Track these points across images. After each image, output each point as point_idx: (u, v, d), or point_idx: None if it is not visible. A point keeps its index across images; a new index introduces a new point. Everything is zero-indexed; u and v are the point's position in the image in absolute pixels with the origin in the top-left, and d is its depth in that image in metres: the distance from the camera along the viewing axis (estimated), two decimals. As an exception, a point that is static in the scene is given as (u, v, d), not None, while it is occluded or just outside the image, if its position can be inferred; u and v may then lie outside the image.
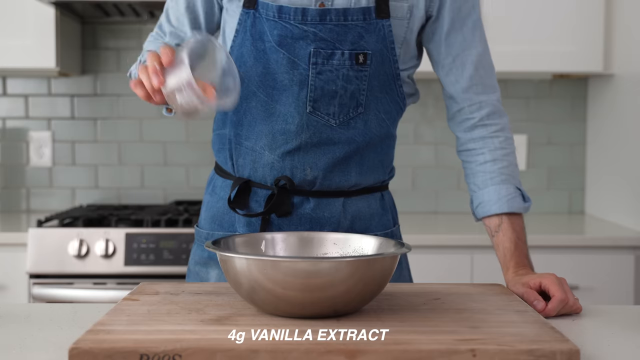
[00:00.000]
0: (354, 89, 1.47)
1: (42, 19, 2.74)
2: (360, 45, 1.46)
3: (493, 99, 1.54)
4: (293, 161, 1.49)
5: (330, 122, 1.47)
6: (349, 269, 1.09)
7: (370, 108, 1.49)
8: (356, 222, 1.53)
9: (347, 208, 1.52)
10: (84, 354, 0.98)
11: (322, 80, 1.45)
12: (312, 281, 1.08)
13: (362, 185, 1.54)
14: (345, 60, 1.45)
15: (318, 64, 1.45)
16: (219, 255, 1.17)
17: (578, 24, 2.76)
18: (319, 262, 1.10)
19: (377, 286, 1.14)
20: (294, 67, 1.45)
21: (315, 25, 1.45)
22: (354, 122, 1.48)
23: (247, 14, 1.49)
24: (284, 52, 1.46)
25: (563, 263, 2.55)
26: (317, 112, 1.47)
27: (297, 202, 1.51)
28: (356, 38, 1.45)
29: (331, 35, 1.45)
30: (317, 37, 1.45)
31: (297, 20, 1.45)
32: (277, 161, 1.49)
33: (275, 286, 1.09)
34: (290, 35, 1.45)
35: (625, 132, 2.76)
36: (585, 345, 1.10)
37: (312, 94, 1.46)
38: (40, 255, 2.48)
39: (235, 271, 1.13)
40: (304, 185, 1.50)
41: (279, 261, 1.09)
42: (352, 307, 1.14)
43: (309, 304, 1.10)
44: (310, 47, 1.45)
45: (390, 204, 1.62)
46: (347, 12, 1.45)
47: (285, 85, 1.46)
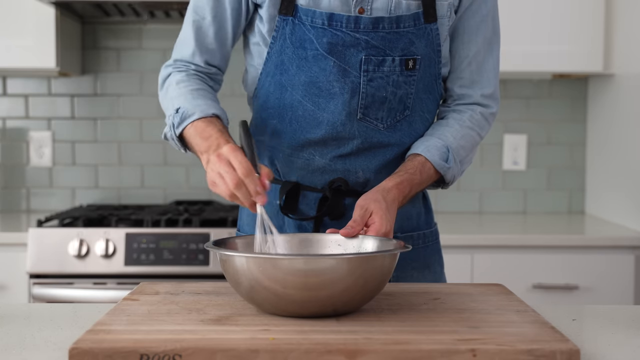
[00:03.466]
0: (403, 93, 1.47)
1: (42, 19, 2.74)
2: (410, 51, 1.46)
3: (477, 93, 1.55)
4: (345, 164, 1.49)
5: (379, 126, 1.48)
6: (348, 267, 1.09)
7: (415, 110, 1.50)
8: (405, 221, 1.54)
9: None
10: (84, 354, 0.98)
11: (373, 87, 1.45)
12: (311, 279, 1.08)
13: None
14: (396, 66, 1.45)
15: (369, 71, 1.45)
16: (218, 255, 1.17)
17: (578, 24, 2.76)
18: (318, 260, 1.10)
19: (377, 284, 1.14)
20: (345, 74, 1.44)
21: (368, 33, 1.44)
22: (400, 124, 1.49)
23: (284, 21, 1.45)
24: (334, 59, 1.44)
25: (563, 263, 2.55)
26: (366, 118, 1.47)
27: (348, 203, 1.51)
28: (407, 44, 1.45)
29: (383, 42, 1.44)
30: (368, 44, 1.44)
31: (350, 28, 1.44)
32: (329, 165, 1.49)
33: (274, 285, 1.09)
34: (342, 43, 1.44)
35: (625, 132, 2.76)
36: (585, 345, 1.10)
37: (363, 101, 1.46)
38: (40, 255, 2.48)
39: (234, 270, 1.13)
40: (356, 187, 1.51)
41: (278, 259, 1.09)
42: (352, 306, 1.14)
43: (309, 302, 1.10)
44: (361, 55, 1.44)
45: (430, 204, 1.65)
46: (400, 19, 1.44)
47: (334, 93, 1.45)
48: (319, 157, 1.49)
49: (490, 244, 2.56)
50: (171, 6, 2.73)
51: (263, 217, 1.24)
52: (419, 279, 1.55)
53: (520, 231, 2.75)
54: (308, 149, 1.49)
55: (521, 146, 3.14)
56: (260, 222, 1.25)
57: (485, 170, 3.16)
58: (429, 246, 1.59)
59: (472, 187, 3.16)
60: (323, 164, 1.49)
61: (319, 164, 1.49)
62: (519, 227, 2.85)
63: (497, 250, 2.56)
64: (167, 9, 2.82)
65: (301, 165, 1.50)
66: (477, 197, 3.17)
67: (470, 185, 3.16)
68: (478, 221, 2.96)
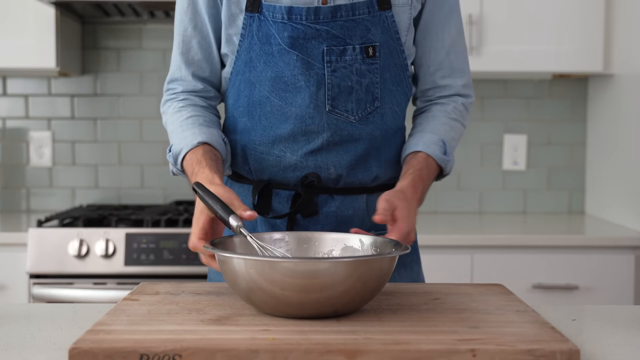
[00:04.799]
0: (368, 82, 1.47)
1: (42, 19, 2.74)
2: (368, 39, 1.47)
3: (459, 83, 1.58)
4: (317, 161, 1.49)
5: (350, 118, 1.48)
6: (347, 270, 1.09)
7: (385, 101, 1.50)
8: None
9: (369, 205, 1.52)
10: (84, 354, 0.98)
11: (337, 78, 1.46)
12: (311, 282, 1.08)
13: (382, 180, 1.54)
14: (357, 54, 1.46)
15: (332, 61, 1.46)
16: (217, 256, 1.17)
17: (578, 24, 2.76)
18: (317, 263, 1.10)
19: (376, 286, 1.14)
20: (309, 67, 1.45)
21: (327, 23, 1.45)
22: (372, 116, 1.49)
23: (251, 18, 1.48)
24: (297, 53, 1.45)
25: (563, 263, 2.55)
26: (336, 110, 1.47)
27: (321, 200, 1.51)
28: (364, 32, 1.46)
29: (342, 31, 1.46)
30: (329, 34, 1.45)
31: (310, 20, 1.45)
32: (300, 162, 1.49)
33: (272, 287, 1.09)
34: (303, 36, 1.45)
35: (625, 132, 2.76)
36: (585, 345, 1.10)
37: (329, 92, 1.46)
38: (40, 255, 2.48)
39: (233, 272, 1.13)
40: (329, 183, 1.50)
41: (276, 262, 1.09)
42: (351, 307, 1.14)
43: (308, 304, 1.10)
44: (323, 46, 1.45)
45: None
46: (355, 6, 1.45)
47: (300, 86, 1.46)
48: (289, 154, 1.49)
49: (490, 244, 2.56)
50: (171, 6, 2.73)
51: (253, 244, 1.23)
52: (396, 278, 1.53)
53: (520, 231, 2.75)
54: (279, 146, 1.49)
55: (521, 146, 3.14)
56: None
57: (485, 170, 3.16)
58: None
59: (472, 187, 3.16)
60: (294, 161, 1.49)
61: (290, 160, 1.49)
62: (519, 227, 2.85)
63: (497, 250, 2.56)
64: (167, 9, 2.82)
65: (273, 162, 1.50)
66: (477, 197, 3.17)
67: (470, 185, 3.16)
68: (478, 221, 2.96)
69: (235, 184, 1.59)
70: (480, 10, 2.74)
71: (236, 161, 1.56)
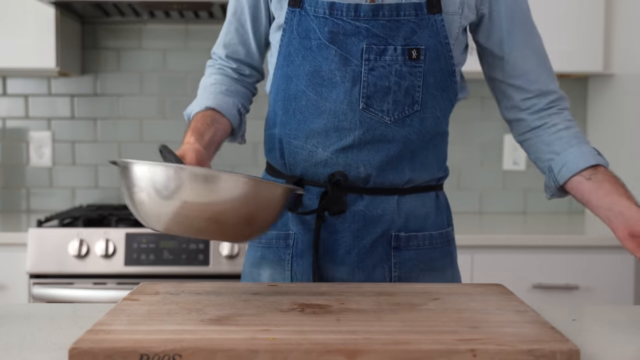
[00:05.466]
0: (408, 85, 1.46)
1: (42, 19, 2.74)
2: (413, 41, 1.45)
3: (557, 86, 1.56)
4: (347, 158, 1.48)
5: (385, 119, 1.47)
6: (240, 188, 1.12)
7: (427, 105, 1.48)
8: (410, 220, 1.52)
9: (401, 206, 1.51)
10: (84, 354, 0.98)
11: (374, 77, 1.45)
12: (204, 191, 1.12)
13: (416, 183, 1.53)
14: (398, 55, 1.45)
15: (370, 60, 1.45)
16: (120, 165, 1.18)
17: (578, 23, 2.76)
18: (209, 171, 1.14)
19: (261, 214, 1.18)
20: (346, 63, 1.45)
21: (368, 21, 1.45)
22: (409, 119, 1.48)
23: (292, 13, 1.49)
24: (336, 48, 1.45)
25: (563, 263, 2.55)
26: (370, 108, 1.46)
27: (350, 199, 1.50)
28: (409, 33, 1.45)
29: (384, 31, 1.45)
30: (369, 33, 1.45)
31: (350, 17, 1.45)
32: (331, 158, 1.48)
33: None
34: (342, 32, 1.45)
35: (625, 132, 2.76)
36: (585, 345, 1.10)
37: (364, 90, 1.45)
38: (40, 255, 2.48)
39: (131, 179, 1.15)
40: (358, 183, 1.49)
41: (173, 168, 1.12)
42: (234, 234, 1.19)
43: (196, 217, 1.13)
44: (362, 44, 1.45)
45: (444, 204, 1.61)
46: (400, 7, 1.44)
47: (336, 82, 1.46)
48: (321, 150, 1.49)
49: (490, 244, 2.56)
50: (171, 6, 2.73)
51: None
52: (426, 281, 1.53)
53: (520, 231, 2.75)
54: (311, 141, 1.49)
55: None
56: None
57: (485, 170, 3.16)
58: (438, 248, 1.56)
59: (472, 187, 3.16)
60: (325, 157, 1.49)
61: (322, 156, 1.49)
62: (519, 227, 2.85)
63: (497, 250, 2.56)
64: (167, 9, 2.82)
65: (305, 157, 1.51)
66: (477, 197, 3.17)
67: (470, 185, 3.16)
68: (478, 221, 2.96)
69: (271, 178, 1.59)
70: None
71: (273, 155, 1.57)
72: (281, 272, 1.55)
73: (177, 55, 3.12)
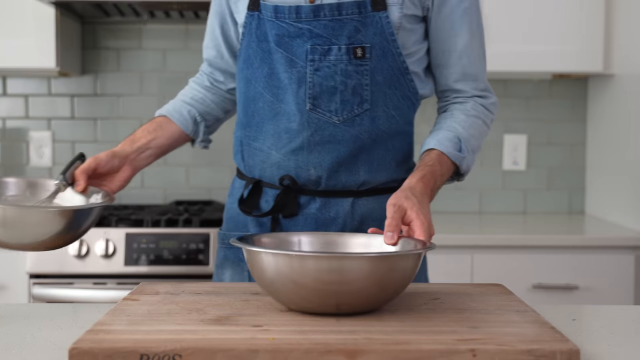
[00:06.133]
0: (355, 84, 1.45)
1: (42, 19, 2.74)
2: (357, 39, 1.45)
3: (472, 87, 1.54)
4: (297, 160, 1.48)
5: (333, 119, 1.46)
6: (371, 266, 1.09)
7: (378, 104, 1.47)
8: (366, 223, 1.51)
9: (356, 208, 1.51)
10: (84, 354, 0.98)
11: (320, 77, 1.45)
12: (336, 278, 1.08)
13: (373, 184, 1.52)
14: (343, 55, 1.45)
15: (315, 60, 1.45)
16: (245, 251, 1.16)
17: (578, 24, 2.76)
18: (342, 259, 1.10)
19: (399, 285, 1.14)
20: (292, 65, 1.46)
21: (310, 22, 1.45)
22: (359, 119, 1.47)
23: (251, 16, 1.50)
24: (282, 51, 1.46)
25: (563, 263, 2.55)
26: (317, 109, 1.46)
27: (303, 202, 1.50)
28: (352, 32, 1.44)
29: (326, 31, 1.45)
30: (312, 33, 1.45)
31: (292, 19, 1.46)
32: (283, 160, 1.49)
33: (304, 280, 1.09)
34: (287, 34, 1.46)
35: (625, 132, 2.76)
36: (585, 345, 1.10)
37: (310, 91, 1.46)
38: (40, 255, 2.48)
39: (261, 266, 1.13)
40: (309, 185, 1.49)
41: (305, 256, 1.10)
42: (374, 305, 1.15)
43: (334, 298, 1.10)
44: (307, 45, 1.45)
45: None
46: (341, 6, 1.44)
47: (286, 84, 1.47)
48: (275, 152, 1.50)
49: (490, 244, 2.56)
50: (171, 6, 2.73)
51: None
52: None
53: (520, 231, 2.75)
54: (266, 143, 1.50)
55: (521, 146, 3.14)
56: None
57: (485, 170, 3.16)
58: None
59: (472, 187, 3.16)
60: (278, 159, 1.49)
61: (275, 158, 1.50)
62: (519, 227, 2.85)
63: (497, 250, 2.56)
64: (167, 9, 2.82)
65: (261, 159, 1.52)
66: (477, 197, 3.17)
67: (470, 185, 3.16)
68: (478, 221, 2.96)
69: (237, 180, 1.62)
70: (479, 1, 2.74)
71: (238, 157, 1.59)
72: (240, 273, 1.56)
73: (177, 55, 3.12)
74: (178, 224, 2.57)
